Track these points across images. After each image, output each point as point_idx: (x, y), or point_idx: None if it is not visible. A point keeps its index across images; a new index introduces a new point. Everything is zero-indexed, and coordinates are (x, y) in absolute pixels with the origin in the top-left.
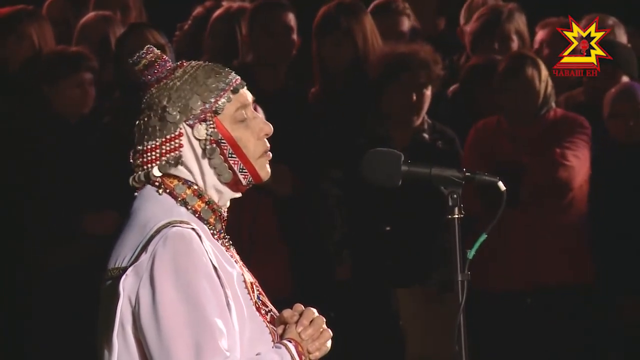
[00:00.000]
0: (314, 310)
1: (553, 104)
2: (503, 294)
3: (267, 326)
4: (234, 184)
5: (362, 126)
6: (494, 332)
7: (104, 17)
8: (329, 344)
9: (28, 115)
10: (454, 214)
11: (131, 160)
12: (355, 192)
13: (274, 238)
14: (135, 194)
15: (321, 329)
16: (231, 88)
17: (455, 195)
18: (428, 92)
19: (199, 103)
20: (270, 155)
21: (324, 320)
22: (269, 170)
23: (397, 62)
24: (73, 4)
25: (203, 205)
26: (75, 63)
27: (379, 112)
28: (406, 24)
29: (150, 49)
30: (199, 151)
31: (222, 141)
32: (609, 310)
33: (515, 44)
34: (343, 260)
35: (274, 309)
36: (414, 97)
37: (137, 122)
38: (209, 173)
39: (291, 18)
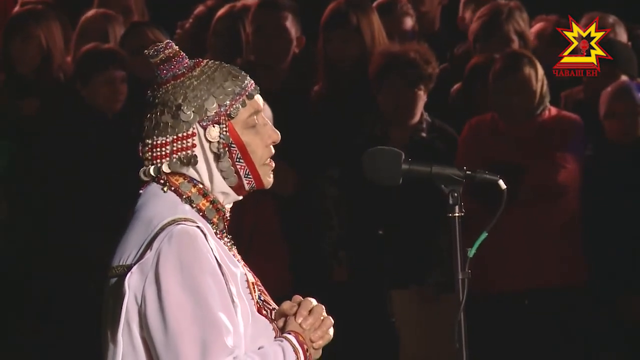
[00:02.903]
0: (313, 299)
1: (548, 103)
2: (500, 296)
3: (269, 324)
4: (237, 188)
5: (362, 125)
6: (491, 333)
7: (104, 15)
8: (331, 331)
9: (61, 113)
10: (455, 213)
11: (140, 153)
12: (353, 192)
13: (274, 236)
14: (140, 191)
15: (322, 317)
16: (247, 93)
17: (455, 194)
18: (420, 91)
19: (214, 105)
20: (274, 164)
21: (324, 308)
22: (271, 179)
23: (388, 62)
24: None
25: (207, 204)
26: (106, 60)
27: (377, 111)
28: (408, 23)
29: (170, 44)
30: (209, 153)
31: (233, 145)
32: (605, 310)
33: (515, 44)
34: (339, 262)
35: (277, 307)
36: (404, 97)
37: (147, 115)
38: (217, 175)
39: (287, 18)
